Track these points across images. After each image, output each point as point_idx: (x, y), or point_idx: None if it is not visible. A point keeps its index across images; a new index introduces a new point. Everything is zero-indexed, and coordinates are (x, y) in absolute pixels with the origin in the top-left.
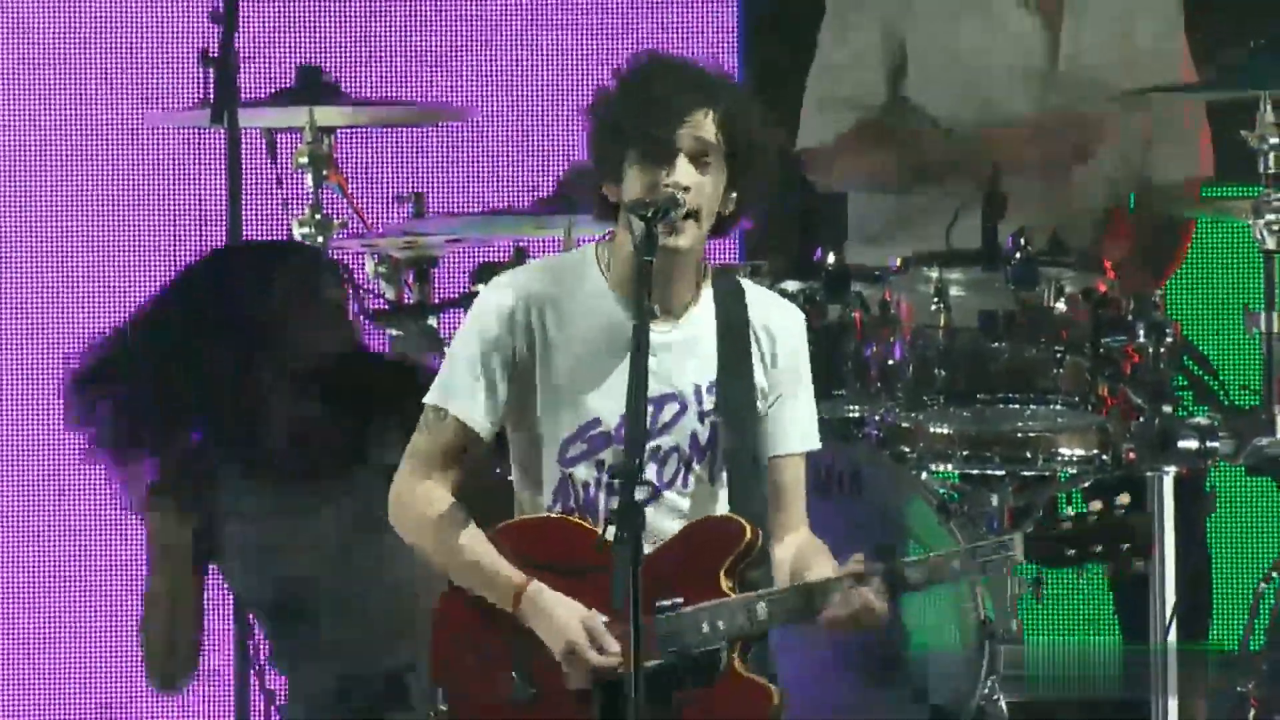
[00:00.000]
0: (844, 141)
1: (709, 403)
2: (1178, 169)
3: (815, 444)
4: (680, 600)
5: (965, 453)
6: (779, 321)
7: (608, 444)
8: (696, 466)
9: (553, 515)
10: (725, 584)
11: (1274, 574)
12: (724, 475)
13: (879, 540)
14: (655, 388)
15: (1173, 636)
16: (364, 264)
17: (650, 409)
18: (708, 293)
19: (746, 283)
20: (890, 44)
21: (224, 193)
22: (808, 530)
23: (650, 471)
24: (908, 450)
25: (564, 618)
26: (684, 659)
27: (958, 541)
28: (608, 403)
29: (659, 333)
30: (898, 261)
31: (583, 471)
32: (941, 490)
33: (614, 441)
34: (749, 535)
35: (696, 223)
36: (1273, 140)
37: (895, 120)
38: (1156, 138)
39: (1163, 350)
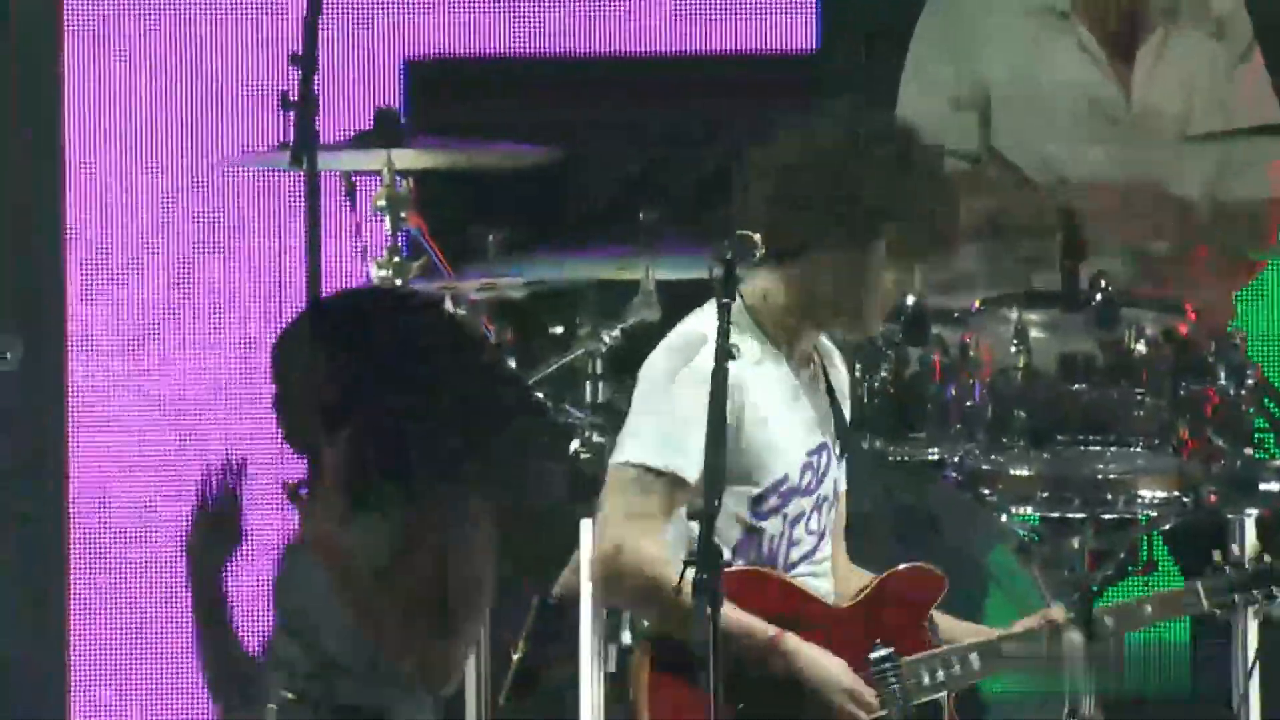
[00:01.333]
0: None
1: (837, 449)
2: (1248, 190)
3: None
4: (894, 650)
5: (1045, 495)
6: (843, 372)
7: (793, 497)
8: (831, 511)
9: (748, 568)
10: (928, 636)
11: None
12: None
13: (960, 582)
14: (814, 438)
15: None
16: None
17: (815, 459)
18: None
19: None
20: (976, 93)
21: (303, 235)
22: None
23: (814, 520)
24: (988, 493)
25: (831, 663)
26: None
27: (1038, 584)
28: (791, 457)
29: (804, 380)
30: (977, 303)
31: (772, 525)
32: (1022, 532)
33: (798, 494)
34: (945, 585)
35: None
36: None
37: (989, 170)
38: (1224, 179)
39: (1244, 392)
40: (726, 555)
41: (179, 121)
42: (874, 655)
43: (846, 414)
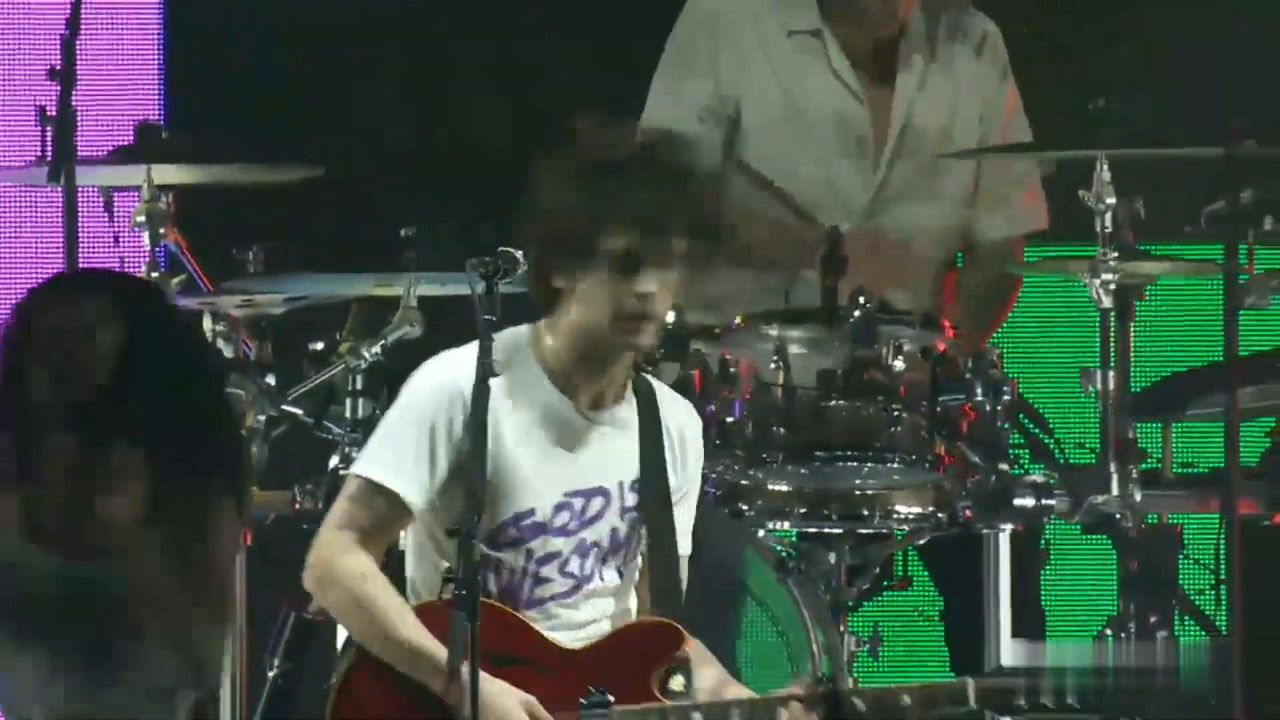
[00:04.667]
0: None
1: (630, 499)
2: (996, 229)
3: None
4: (611, 699)
5: (803, 510)
6: (688, 425)
7: (539, 533)
8: (612, 561)
9: (492, 604)
10: (656, 689)
11: (1108, 632)
12: (636, 572)
13: (716, 598)
14: (586, 480)
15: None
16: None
17: (580, 501)
18: (629, 387)
19: (655, 381)
20: (726, 105)
21: (61, 251)
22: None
23: (574, 564)
24: (746, 508)
25: (507, 702)
26: None
27: (794, 599)
28: (544, 493)
29: (592, 421)
30: (738, 319)
31: (511, 558)
32: (779, 548)
33: (546, 531)
34: (684, 643)
35: (656, 324)
36: (1109, 200)
37: (729, 185)
38: (979, 198)
39: (1000, 408)
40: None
41: None
42: (585, 701)
43: (675, 468)
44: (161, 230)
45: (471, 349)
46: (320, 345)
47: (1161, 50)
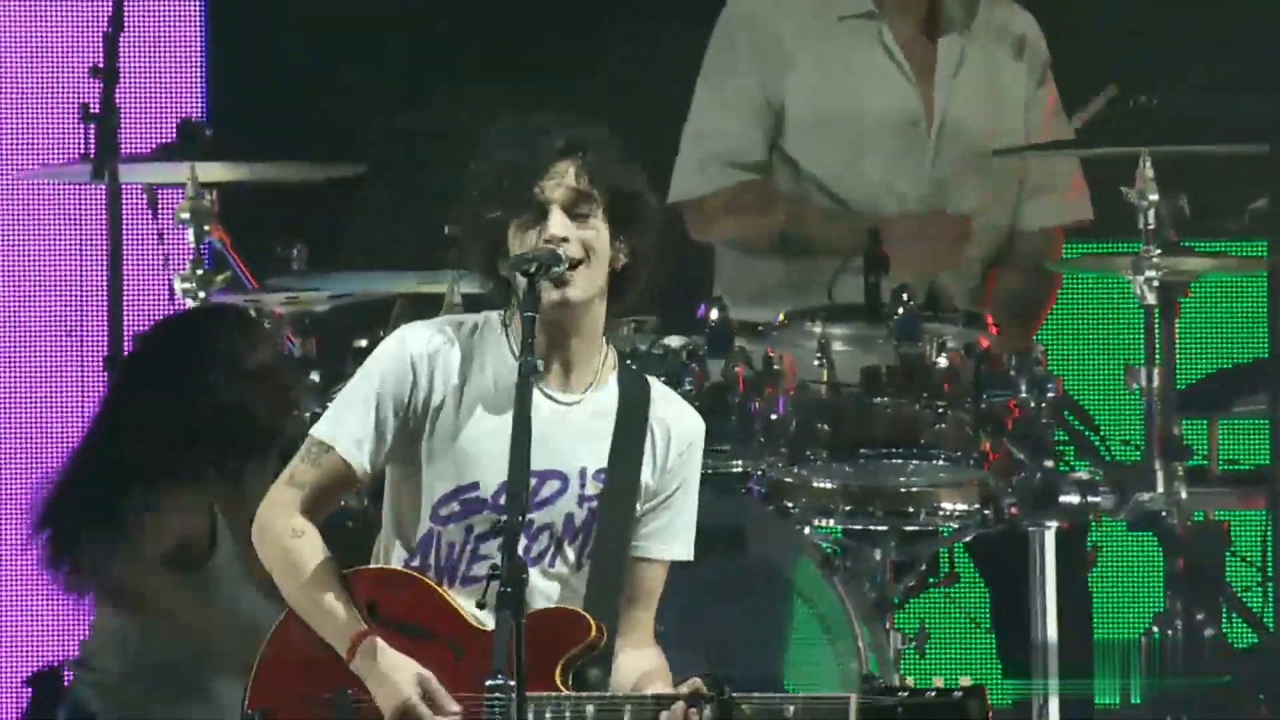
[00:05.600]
0: (723, 199)
1: (592, 488)
2: (1041, 219)
3: (688, 556)
4: (513, 684)
5: (848, 507)
6: (679, 426)
7: (481, 510)
8: (567, 548)
9: (408, 570)
10: (559, 678)
11: (1155, 628)
12: (589, 562)
13: (764, 596)
14: (541, 461)
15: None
16: None
17: (531, 482)
18: (613, 380)
19: (654, 381)
20: (770, 103)
21: (105, 248)
22: (653, 641)
23: (519, 545)
24: (791, 505)
25: (400, 676)
26: None
27: (841, 596)
28: (490, 469)
29: (556, 402)
30: (780, 317)
31: (452, 532)
32: (825, 545)
33: (489, 508)
34: (593, 634)
35: (587, 271)
36: (1151, 197)
37: (775, 179)
38: (1025, 190)
39: (1044, 405)
40: (409, 551)
41: None
42: (489, 683)
43: (653, 468)
44: (206, 227)
45: (440, 320)
46: (364, 342)
47: (1206, 45)
